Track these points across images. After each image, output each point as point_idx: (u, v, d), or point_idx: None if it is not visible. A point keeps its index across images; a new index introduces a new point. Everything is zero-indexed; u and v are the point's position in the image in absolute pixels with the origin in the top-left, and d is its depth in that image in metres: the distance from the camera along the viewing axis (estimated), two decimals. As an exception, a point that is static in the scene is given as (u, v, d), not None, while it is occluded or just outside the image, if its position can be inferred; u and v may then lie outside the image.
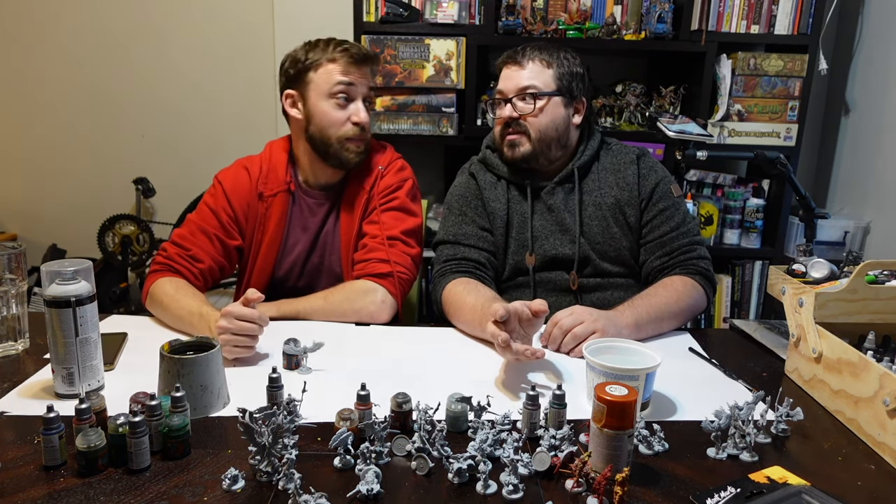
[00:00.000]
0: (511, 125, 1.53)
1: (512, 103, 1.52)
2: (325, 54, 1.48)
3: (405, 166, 1.62)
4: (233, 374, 1.11)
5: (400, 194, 1.56)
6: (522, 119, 1.51)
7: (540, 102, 1.50)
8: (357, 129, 1.50)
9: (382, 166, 1.57)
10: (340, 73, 1.48)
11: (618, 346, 1.10)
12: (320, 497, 0.77)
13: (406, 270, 1.50)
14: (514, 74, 1.52)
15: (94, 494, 0.80)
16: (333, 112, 1.48)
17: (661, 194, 1.55)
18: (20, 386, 1.09)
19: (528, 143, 1.52)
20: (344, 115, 1.49)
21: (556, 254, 1.54)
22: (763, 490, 0.81)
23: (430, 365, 1.22)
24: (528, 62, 1.52)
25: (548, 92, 1.51)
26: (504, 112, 1.53)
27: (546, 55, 1.52)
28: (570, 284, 1.54)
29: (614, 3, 2.43)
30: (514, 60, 1.53)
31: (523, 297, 1.55)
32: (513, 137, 1.53)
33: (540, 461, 0.85)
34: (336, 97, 1.48)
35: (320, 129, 1.49)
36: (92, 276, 1.06)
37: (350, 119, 1.49)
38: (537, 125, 1.51)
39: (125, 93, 2.84)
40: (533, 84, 1.50)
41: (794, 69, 2.38)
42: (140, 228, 2.80)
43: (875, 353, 1.05)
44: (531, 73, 1.51)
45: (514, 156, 1.54)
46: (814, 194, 2.51)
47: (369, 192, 1.55)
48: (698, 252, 1.52)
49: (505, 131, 1.54)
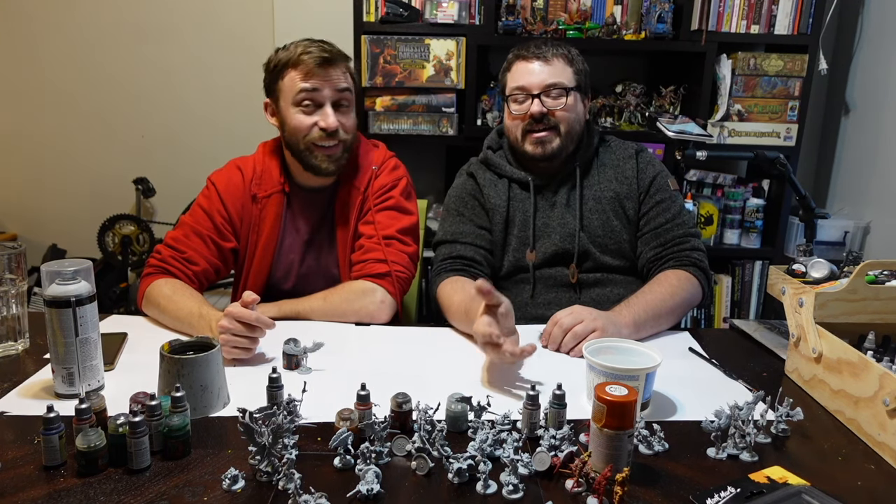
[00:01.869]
0: (541, 121, 1.52)
1: (540, 99, 1.51)
2: (290, 59, 1.43)
3: (398, 165, 1.61)
4: (233, 374, 1.11)
5: (394, 193, 1.55)
6: (551, 115, 1.51)
7: (570, 99, 1.52)
8: (323, 135, 1.44)
9: (376, 166, 1.56)
10: (302, 79, 1.42)
11: (618, 346, 1.10)
12: (320, 497, 0.77)
13: (404, 269, 1.49)
14: (539, 69, 1.52)
15: (94, 494, 0.80)
16: (299, 118, 1.45)
17: (658, 187, 1.56)
18: (20, 386, 1.09)
19: (559, 138, 1.53)
20: (310, 121, 1.44)
21: (556, 249, 1.55)
22: (763, 490, 0.81)
23: (430, 365, 1.22)
24: (552, 58, 1.52)
25: (572, 88, 1.52)
26: (533, 107, 1.51)
27: (565, 51, 1.55)
28: (570, 278, 1.54)
29: (614, 3, 2.43)
30: (535, 56, 1.53)
31: (523, 294, 1.55)
32: (542, 134, 1.52)
33: (540, 461, 0.85)
34: (301, 105, 1.44)
35: (291, 136, 1.47)
36: (92, 276, 1.06)
37: (318, 124, 1.44)
38: (568, 120, 1.52)
39: (125, 93, 2.85)
40: (560, 81, 1.51)
41: (794, 69, 2.38)
42: (140, 228, 2.80)
43: (875, 353, 1.05)
44: (555, 69, 1.52)
45: (545, 152, 1.53)
46: (814, 194, 2.51)
47: (363, 192, 1.54)
48: (692, 243, 1.52)
49: (532, 127, 1.52)
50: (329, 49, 1.45)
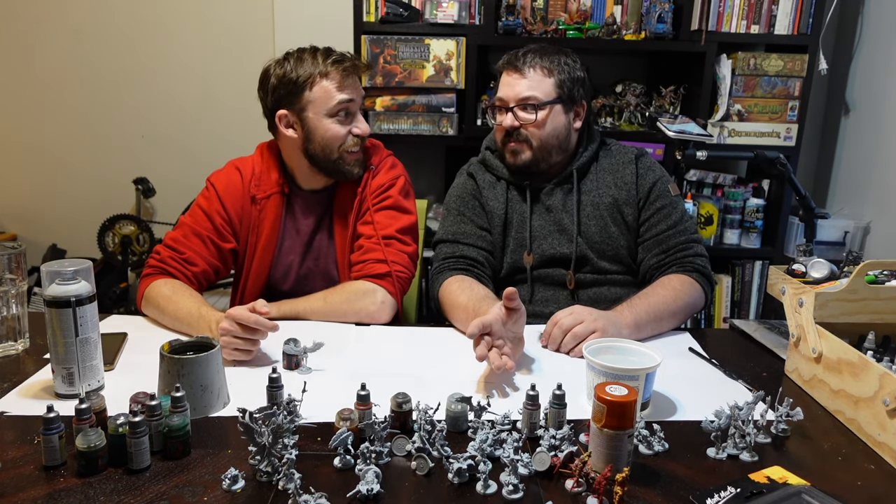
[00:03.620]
0: (512, 134, 1.52)
1: (513, 112, 1.51)
2: (315, 68, 1.43)
3: (396, 163, 1.61)
4: (233, 374, 1.11)
5: (393, 192, 1.55)
6: (524, 128, 1.51)
7: (541, 113, 1.50)
8: (357, 141, 1.49)
9: (373, 165, 1.56)
10: (337, 88, 1.44)
11: (618, 346, 1.10)
12: (320, 497, 0.77)
13: (404, 269, 1.49)
14: (515, 83, 1.51)
15: (94, 494, 0.80)
16: (336, 128, 1.46)
17: (659, 193, 1.55)
18: (20, 386, 1.09)
19: (530, 151, 1.52)
20: (346, 130, 1.48)
21: (553, 253, 1.55)
22: (763, 490, 0.81)
23: (430, 365, 1.22)
24: (528, 70, 1.50)
25: (548, 101, 1.50)
26: (505, 120, 1.52)
27: (547, 62, 1.51)
28: (568, 283, 1.54)
29: (614, 3, 2.43)
30: (514, 67, 1.52)
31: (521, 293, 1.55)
32: (514, 146, 1.53)
33: (540, 461, 0.85)
34: (337, 115, 1.46)
35: (322, 146, 1.47)
36: (92, 276, 1.06)
37: (351, 132, 1.48)
38: (539, 135, 1.51)
39: (125, 93, 2.84)
40: (533, 95, 1.49)
41: (794, 69, 2.38)
42: (140, 228, 2.80)
43: (875, 353, 1.05)
44: (532, 82, 1.50)
45: (516, 162, 1.54)
46: (814, 194, 2.51)
47: (361, 192, 1.54)
48: (695, 250, 1.52)
49: (507, 139, 1.54)
50: (352, 57, 1.48)
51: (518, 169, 1.56)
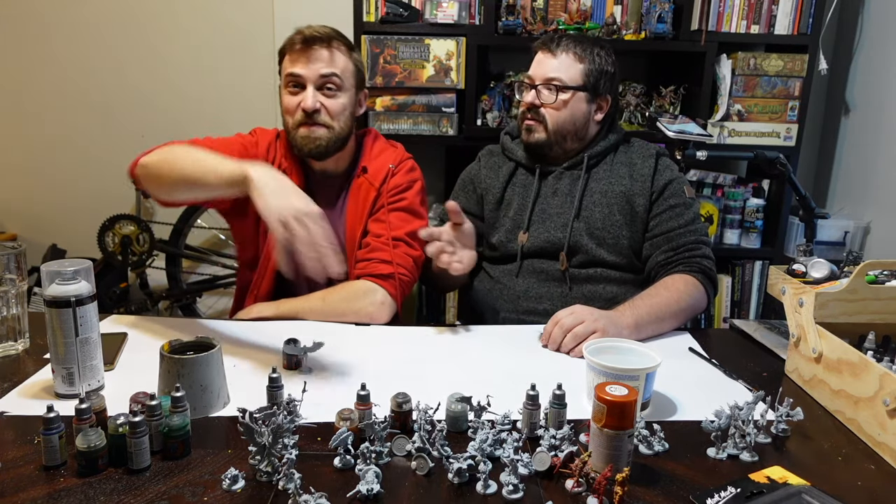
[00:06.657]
0: (531, 111, 1.55)
1: (537, 90, 1.54)
2: (286, 44, 1.50)
3: (415, 167, 1.62)
4: (233, 374, 1.11)
5: (409, 195, 1.55)
6: (543, 108, 1.54)
7: (563, 95, 1.52)
8: (304, 115, 1.46)
9: (393, 164, 1.56)
10: (291, 61, 1.47)
11: (618, 346, 1.10)
12: (320, 497, 0.77)
13: (407, 272, 1.49)
14: (545, 61, 1.54)
15: (94, 494, 0.80)
16: (287, 98, 1.49)
17: (674, 191, 1.56)
18: (20, 386, 1.09)
19: (544, 131, 1.55)
20: (295, 102, 1.48)
21: (548, 236, 1.56)
22: (763, 490, 0.81)
23: (430, 365, 1.22)
24: (560, 52, 1.53)
25: (572, 87, 1.53)
26: (528, 97, 1.56)
27: (580, 49, 1.54)
28: (560, 266, 1.55)
29: (614, 3, 2.43)
30: (547, 48, 1.55)
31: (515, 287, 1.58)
32: (530, 123, 1.56)
33: (540, 461, 0.85)
34: (288, 87, 1.48)
35: (283, 117, 1.52)
36: (92, 276, 1.06)
37: (300, 105, 1.47)
38: (556, 117, 1.54)
39: (125, 93, 2.85)
40: (559, 77, 1.52)
41: (794, 69, 2.38)
42: (140, 228, 2.79)
43: (875, 353, 1.05)
44: (561, 64, 1.53)
45: (530, 140, 1.58)
46: (814, 194, 2.52)
47: (378, 189, 1.53)
48: (703, 251, 1.52)
49: (525, 115, 1.58)
50: (317, 31, 1.48)
51: (532, 148, 1.59)
